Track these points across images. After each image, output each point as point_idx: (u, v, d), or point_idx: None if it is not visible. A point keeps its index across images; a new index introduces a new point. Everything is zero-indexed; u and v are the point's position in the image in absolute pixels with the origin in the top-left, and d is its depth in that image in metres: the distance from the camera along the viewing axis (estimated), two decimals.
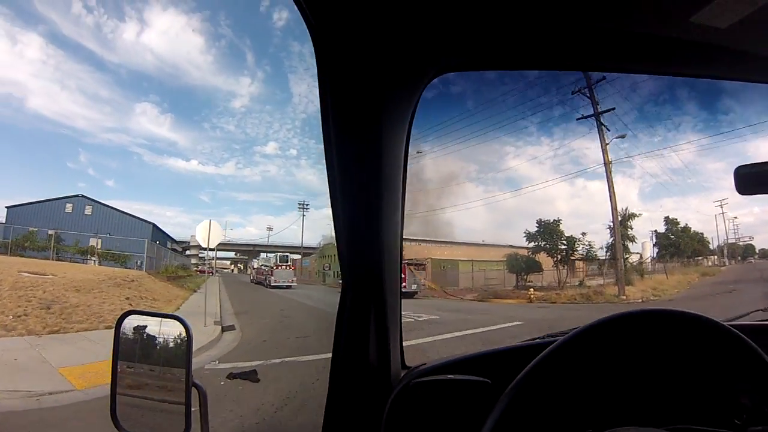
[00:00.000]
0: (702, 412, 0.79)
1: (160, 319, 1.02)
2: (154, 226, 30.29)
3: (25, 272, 12.09)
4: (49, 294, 10.30)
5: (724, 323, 0.79)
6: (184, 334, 0.95)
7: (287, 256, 32.26)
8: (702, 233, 19.99)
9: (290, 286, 23.11)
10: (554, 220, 19.96)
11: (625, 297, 14.84)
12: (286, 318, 12.45)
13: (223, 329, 9.99)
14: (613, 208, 15.20)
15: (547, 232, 19.98)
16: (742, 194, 1.06)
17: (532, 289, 17.53)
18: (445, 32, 0.78)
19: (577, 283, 18.35)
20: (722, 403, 0.78)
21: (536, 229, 20.06)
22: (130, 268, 21.00)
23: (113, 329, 1.00)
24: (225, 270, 49.16)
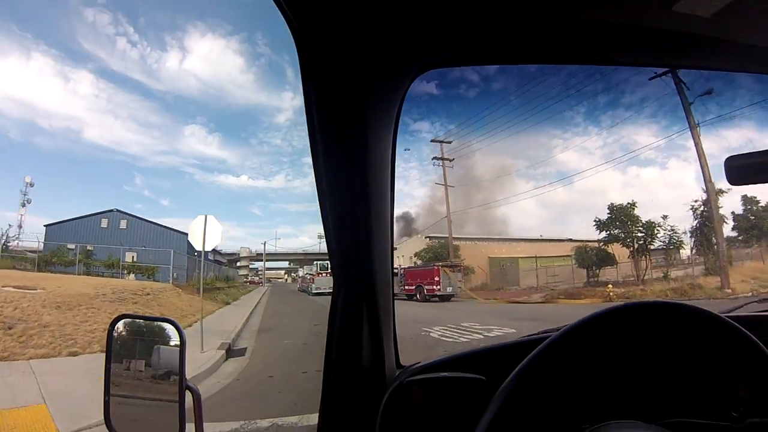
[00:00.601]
0: (699, 404, 0.79)
1: (153, 322, 1.07)
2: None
3: (10, 287, 10.33)
4: (20, 311, 8.60)
5: (721, 315, 0.78)
6: (177, 337, 0.95)
7: (326, 263, 31.82)
8: None
9: (332, 293, 22.27)
10: (629, 203, 17.54)
11: (731, 290, 12.05)
12: (315, 336, 9.50)
13: (229, 354, 7.85)
14: (707, 180, 12.55)
15: (621, 218, 17.57)
16: (733, 184, 1.07)
17: (610, 285, 15.33)
18: (429, 27, 0.77)
19: (661, 276, 16.01)
20: (720, 395, 0.78)
21: (607, 216, 17.87)
22: (157, 281, 19.79)
23: (79, 355, 3.10)
24: (279, 280, 49.90)
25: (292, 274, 48.83)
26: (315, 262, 32.83)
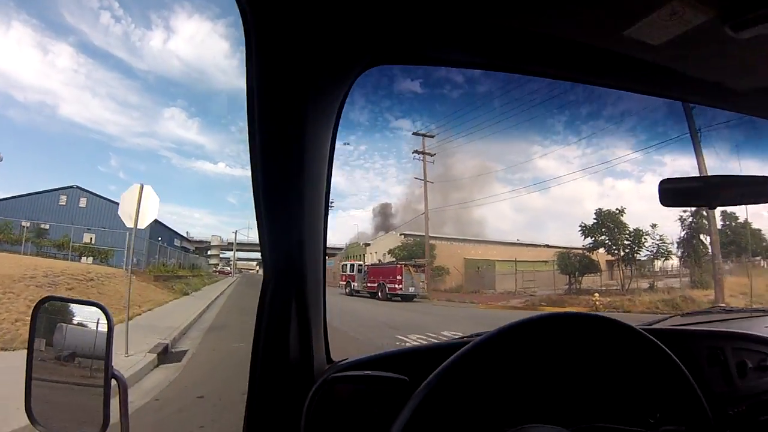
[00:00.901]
0: (617, 411, 0.83)
1: (81, 306, 0.97)
2: (155, 221, 27.50)
3: None
4: None
5: (640, 327, 0.83)
6: (104, 321, 0.90)
7: None
8: (760, 229, 17.07)
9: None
10: (617, 209, 17.11)
11: (725, 305, 10.62)
12: None
13: (161, 359, 6.21)
14: None
15: (607, 224, 17.21)
16: (665, 206, 1.11)
17: (596, 294, 14.61)
18: (375, 22, 0.77)
19: (647, 286, 15.59)
20: (637, 402, 0.82)
21: (594, 221, 17.40)
22: (112, 266, 17.83)
23: None
24: (251, 271, 48.87)
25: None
26: None
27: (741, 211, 16.11)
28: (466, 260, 22.65)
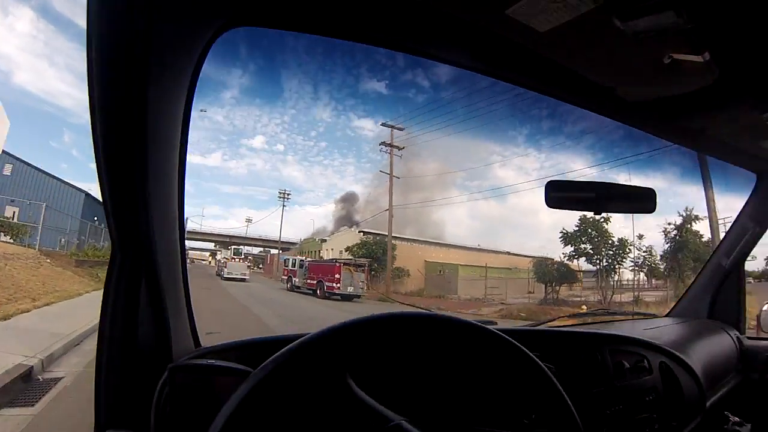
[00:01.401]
0: (493, 413, 0.82)
1: None
2: (88, 195, 22.66)
3: None
4: None
5: (519, 327, 0.97)
6: None
7: (240, 249, 30.40)
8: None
9: (244, 278, 21.79)
10: (602, 218, 15.75)
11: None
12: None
13: (9, 394, 3.58)
14: (711, 209, 11.14)
15: (589, 232, 16.23)
16: (550, 207, 1.11)
17: (584, 307, 13.91)
18: None
19: (630, 300, 15.12)
20: (507, 404, 0.82)
21: (576, 228, 16.27)
22: (28, 246, 15.43)
23: None
24: (203, 261, 45.82)
25: (216, 257, 45.76)
26: (230, 247, 31.02)
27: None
28: (427, 263, 21.86)
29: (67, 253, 15.32)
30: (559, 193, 1.11)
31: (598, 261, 16.27)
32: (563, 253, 16.92)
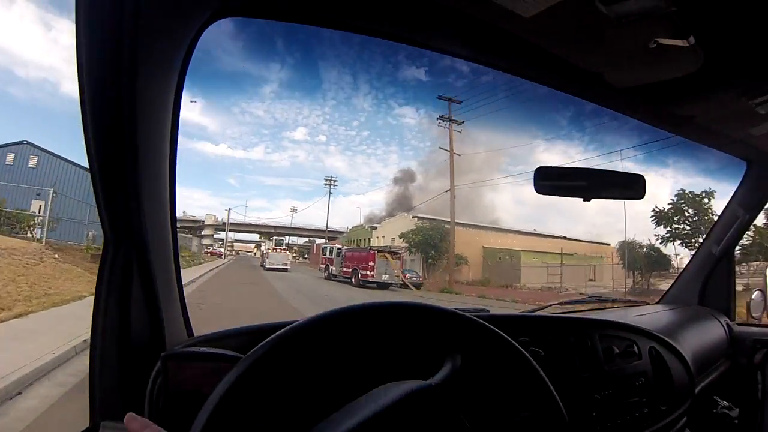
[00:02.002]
0: (481, 404, 0.80)
1: None
2: None
3: None
4: None
5: (508, 315, 0.99)
6: None
7: (282, 239, 30.45)
8: None
9: (286, 268, 21.76)
10: (704, 191, 12.80)
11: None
12: None
13: None
14: None
15: (687, 210, 13.32)
16: (539, 193, 1.11)
17: None
18: None
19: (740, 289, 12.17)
20: (500, 395, 0.80)
21: (671, 205, 13.47)
22: (33, 239, 13.27)
23: None
24: (248, 253, 45.92)
25: (261, 248, 46.95)
26: (272, 238, 30.85)
27: None
28: (485, 249, 19.86)
29: (84, 246, 13.75)
30: (549, 180, 1.12)
31: (694, 243, 12.61)
32: (655, 235, 14.14)
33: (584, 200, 1.13)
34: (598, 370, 1.15)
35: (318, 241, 32.89)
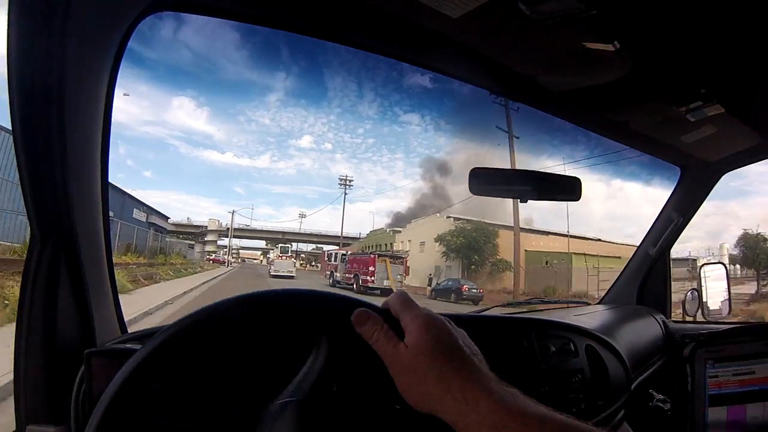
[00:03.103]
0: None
1: None
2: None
3: None
4: None
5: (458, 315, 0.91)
6: None
7: (288, 247, 30.28)
8: None
9: (291, 276, 21.33)
10: None
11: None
12: None
13: None
14: None
15: None
16: (474, 194, 1.11)
17: None
18: None
19: None
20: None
21: None
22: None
23: None
24: (254, 261, 44.98)
25: (267, 256, 43.48)
26: (278, 245, 30.20)
27: None
28: (528, 252, 17.61)
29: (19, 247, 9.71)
30: (484, 180, 1.12)
31: None
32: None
33: (520, 201, 1.14)
34: (534, 367, 1.15)
35: (326, 248, 32.12)
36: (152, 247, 21.27)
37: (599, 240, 19.14)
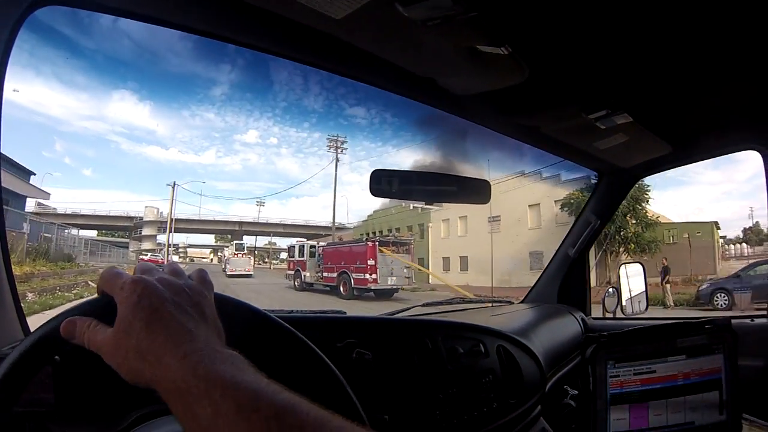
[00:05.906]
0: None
1: None
2: None
3: None
4: None
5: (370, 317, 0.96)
6: None
7: (243, 244, 26.02)
8: None
9: (249, 274, 19.02)
10: None
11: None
12: None
13: None
14: None
15: None
16: (374, 195, 1.09)
17: None
18: None
19: None
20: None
21: None
22: None
23: None
24: (204, 260, 38.09)
25: (218, 254, 36.37)
26: (232, 242, 26.91)
27: None
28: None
29: None
30: (385, 183, 1.08)
31: None
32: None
33: (426, 204, 1.10)
34: (440, 370, 1.13)
35: (284, 241, 27.62)
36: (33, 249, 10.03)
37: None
